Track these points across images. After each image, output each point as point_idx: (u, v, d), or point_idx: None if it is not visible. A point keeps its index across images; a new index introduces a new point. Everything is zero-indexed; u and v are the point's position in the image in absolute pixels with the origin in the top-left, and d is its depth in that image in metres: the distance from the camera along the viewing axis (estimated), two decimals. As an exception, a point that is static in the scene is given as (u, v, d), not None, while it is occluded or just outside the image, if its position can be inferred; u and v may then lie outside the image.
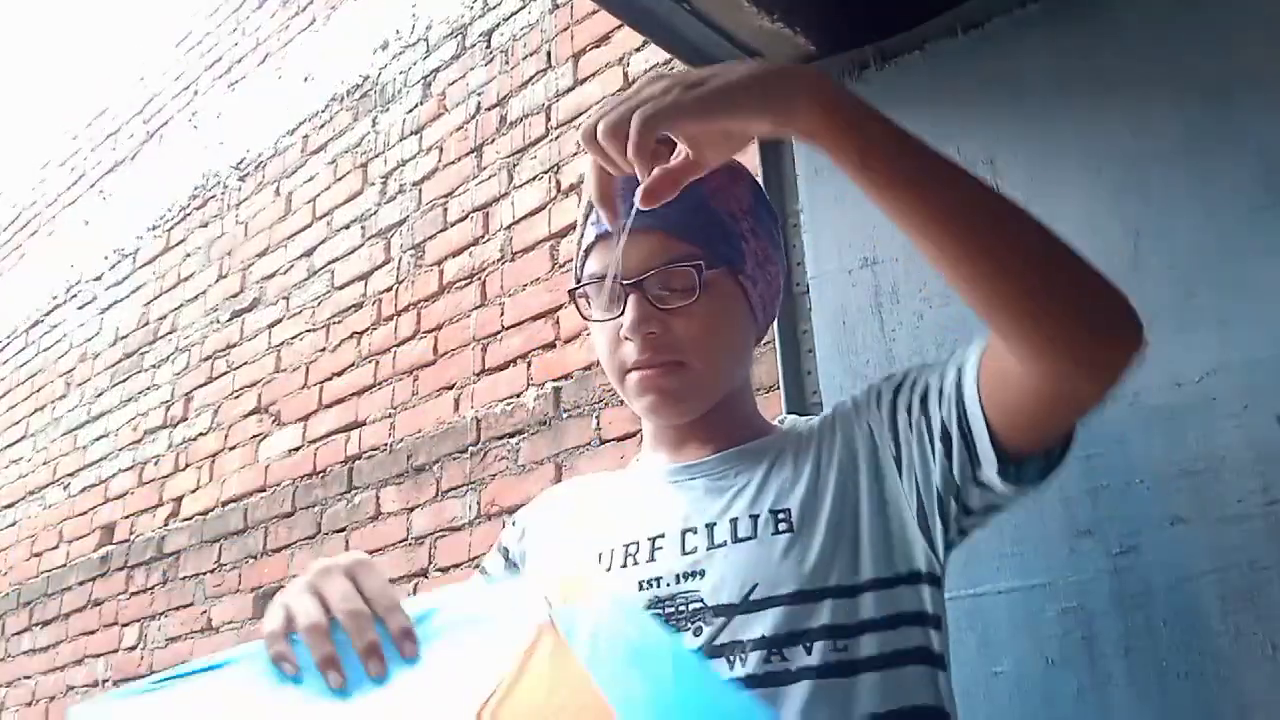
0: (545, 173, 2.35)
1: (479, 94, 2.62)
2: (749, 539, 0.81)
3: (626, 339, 0.84)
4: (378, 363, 2.62)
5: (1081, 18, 1.31)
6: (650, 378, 0.84)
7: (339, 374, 2.73)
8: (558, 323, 2.19)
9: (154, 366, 3.49)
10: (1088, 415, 0.74)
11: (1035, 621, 1.15)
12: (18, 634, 3.66)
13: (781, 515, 0.82)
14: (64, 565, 3.54)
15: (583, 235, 0.91)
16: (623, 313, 0.84)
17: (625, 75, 2.23)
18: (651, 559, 0.83)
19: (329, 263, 2.91)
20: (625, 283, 0.83)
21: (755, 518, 0.82)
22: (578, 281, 0.90)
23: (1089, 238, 1.22)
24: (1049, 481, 0.79)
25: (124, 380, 3.62)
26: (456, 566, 2.18)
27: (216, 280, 3.35)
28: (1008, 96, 1.34)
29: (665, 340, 0.84)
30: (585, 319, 0.90)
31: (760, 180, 1.64)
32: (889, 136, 0.66)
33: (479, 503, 2.20)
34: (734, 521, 0.83)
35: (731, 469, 0.87)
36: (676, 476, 0.89)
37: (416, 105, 2.81)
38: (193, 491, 3.09)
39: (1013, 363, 0.70)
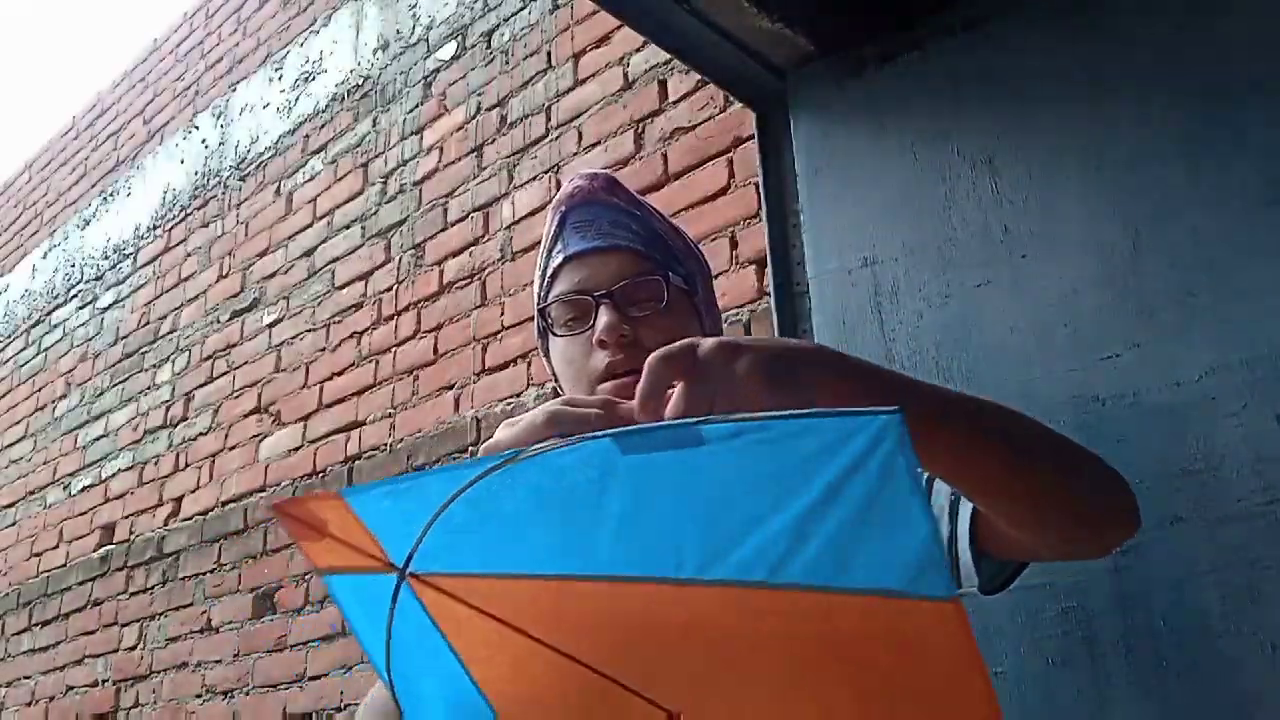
0: (545, 173, 2.35)
1: (479, 94, 2.62)
2: None
3: (600, 344, 0.87)
4: (378, 362, 2.62)
5: (1082, 17, 1.31)
6: (625, 385, 0.86)
7: (339, 374, 2.73)
8: (558, 323, 2.19)
9: (154, 366, 3.49)
10: None
11: (1035, 621, 1.15)
12: (17, 634, 3.66)
13: None
14: (64, 565, 3.54)
15: (547, 262, 0.95)
16: (592, 325, 0.87)
17: (625, 75, 2.23)
18: None
19: (329, 262, 2.91)
20: (597, 294, 0.88)
21: None
22: (544, 303, 0.94)
23: (1089, 237, 1.23)
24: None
25: (124, 380, 3.62)
26: (456, 566, 2.18)
27: (217, 280, 3.35)
28: (1008, 96, 1.34)
29: (635, 346, 0.87)
30: (552, 336, 0.93)
31: (760, 180, 1.65)
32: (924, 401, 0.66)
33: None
34: None
35: None
36: None
37: (417, 105, 2.81)
38: (193, 491, 3.09)
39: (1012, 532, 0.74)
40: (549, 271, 0.95)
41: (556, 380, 0.96)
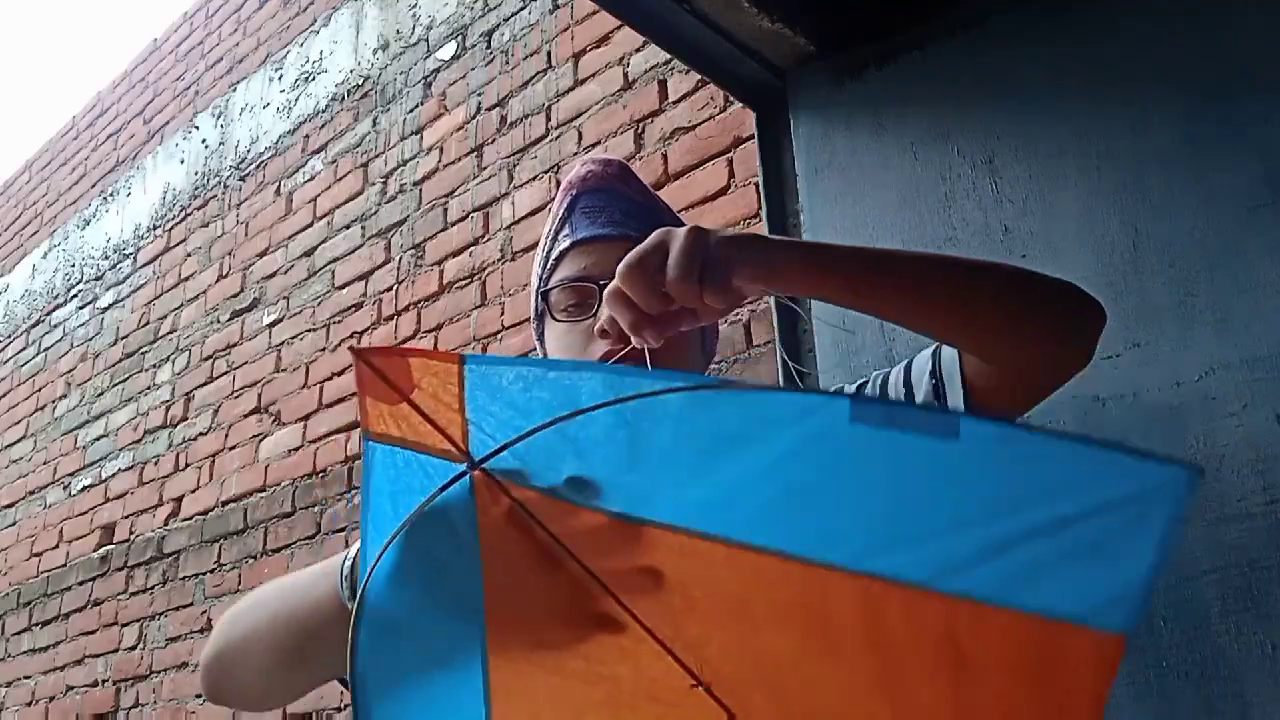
0: (545, 173, 2.35)
1: (479, 94, 2.62)
2: None
3: (602, 334, 0.83)
4: (378, 363, 2.62)
5: (1081, 17, 1.31)
6: None
7: (339, 374, 2.73)
8: (558, 322, 2.19)
9: (154, 366, 3.49)
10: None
11: (1035, 621, 1.15)
12: (18, 634, 3.66)
13: None
14: (64, 565, 3.54)
15: (553, 244, 0.93)
16: (594, 313, 0.86)
17: (625, 76, 2.23)
18: None
19: (329, 262, 2.91)
20: (602, 283, 0.85)
21: None
22: (545, 286, 0.92)
23: (1088, 237, 1.23)
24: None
25: (124, 380, 3.62)
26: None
27: (217, 280, 3.35)
28: (1008, 96, 1.35)
29: None
30: (550, 320, 0.91)
31: (760, 180, 1.65)
32: (833, 262, 0.71)
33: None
34: None
35: None
36: None
37: (417, 105, 2.81)
38: (193, 491, 3.09)
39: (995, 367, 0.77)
40: (554, 254, 0.92)
41: None
